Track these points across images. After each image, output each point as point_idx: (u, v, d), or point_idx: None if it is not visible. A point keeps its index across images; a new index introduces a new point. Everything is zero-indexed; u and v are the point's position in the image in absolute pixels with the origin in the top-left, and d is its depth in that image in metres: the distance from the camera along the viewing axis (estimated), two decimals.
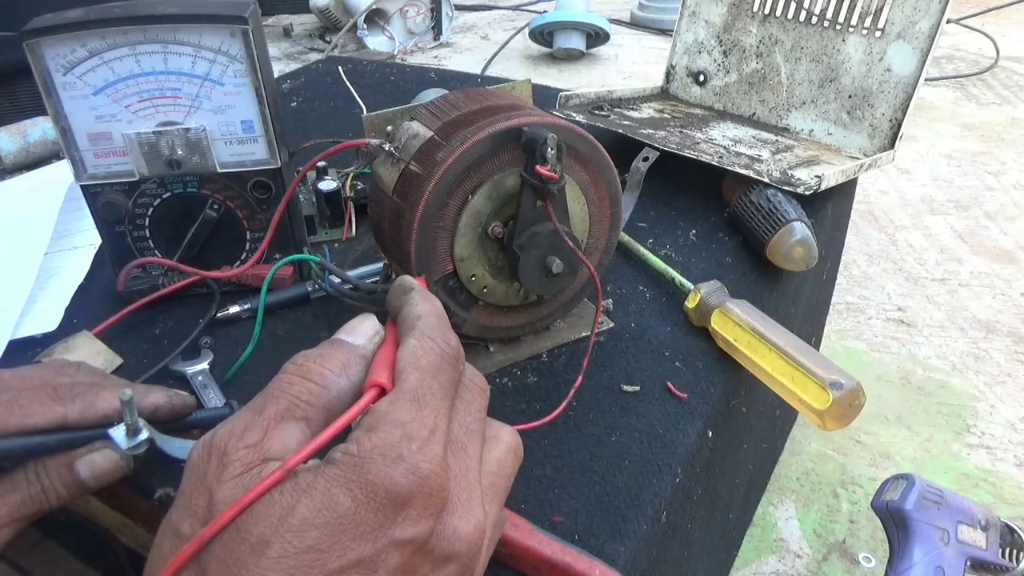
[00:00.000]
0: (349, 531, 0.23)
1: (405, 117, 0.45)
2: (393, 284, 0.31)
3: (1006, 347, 1.15)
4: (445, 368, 0.27)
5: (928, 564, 0.60)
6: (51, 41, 0.44)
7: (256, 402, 0.26)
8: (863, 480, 0.93)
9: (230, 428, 0.25)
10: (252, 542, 0.23)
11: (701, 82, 0.85)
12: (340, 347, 0.28)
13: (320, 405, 0.27)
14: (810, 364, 0.45)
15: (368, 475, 0.23)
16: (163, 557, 0.24)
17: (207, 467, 0.25)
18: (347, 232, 0.62)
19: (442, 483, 0.25)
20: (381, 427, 0.25)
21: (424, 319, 0.28)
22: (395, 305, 0.30)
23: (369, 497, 0.23)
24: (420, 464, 0.24)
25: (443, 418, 0.26)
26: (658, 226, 0.64)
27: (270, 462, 0.25)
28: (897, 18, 0.69)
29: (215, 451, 0.25)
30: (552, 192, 0.40)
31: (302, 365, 0.27)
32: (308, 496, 0.23)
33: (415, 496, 0.24)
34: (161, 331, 0.51)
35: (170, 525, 0.25)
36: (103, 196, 0.49)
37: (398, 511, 0.24)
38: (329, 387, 0.27)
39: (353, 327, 0.30)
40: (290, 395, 0.26)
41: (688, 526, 0.47)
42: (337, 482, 0.23)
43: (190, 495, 0.25)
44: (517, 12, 2.95)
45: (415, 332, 0.28)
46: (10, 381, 0.35)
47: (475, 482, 0.27)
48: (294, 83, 0.99)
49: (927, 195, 1.59)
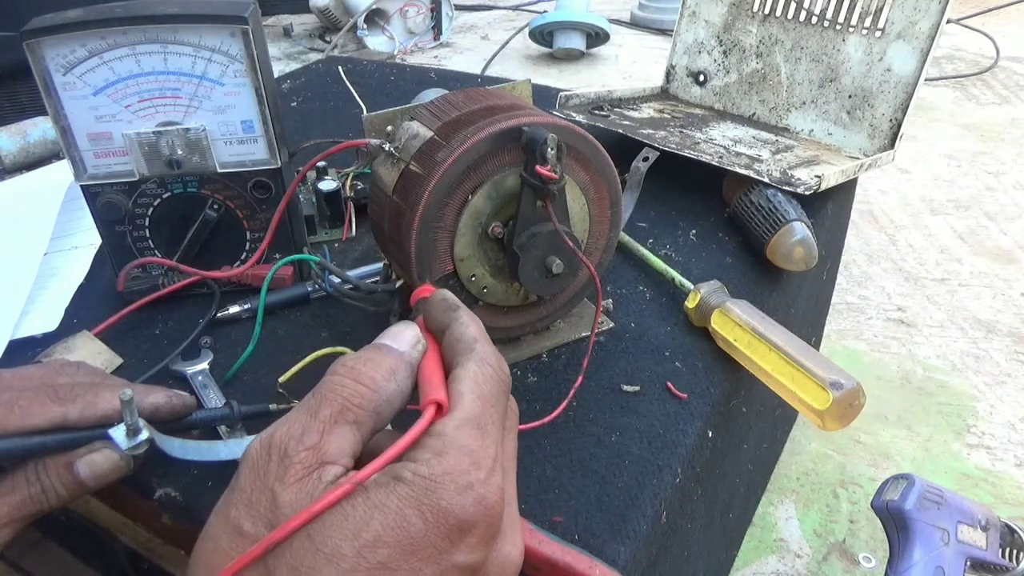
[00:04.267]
0: (417, 552, 0.24)
1: (405, 117, 0.45)
2: (433, 297, 0.31)
3: (1006, 347, 1.15)
4: (501, 397, 0.28)
5: (928, 564, 0.60)
6: (51, 41, 0.44)
7: (309, 403, 0.27)
8: (863, 480, 0.93)
9: (288, 429, 0.26)
10: (326, 552, 0.23)
11: (701, 82, 0.85)
12: (388, 352, 0.29)
13: (371, 409, 0.27)
14: (810, 364, 0.45)
15: (440, 500, 0.24)
16: (222, 551, 0.24)
17: (267, 466, 0.25)
18: (347, 232, 0.62)
19: (501, 513, 0.26)
20: (451, 453, 0.25)
21: (481, 344, 0.29)
22: (440, 320, 0.31)
23: (439, 521, 0.24)
24: (487, 495, 0.25)
25: (499, 446, 0.27)
26: (658, 226, 0.64)
27: (327, 465, 0.25)
28: (897, 18, 0.69)
29: (275, 451, 0.25)
30: (552, 192, 0.40)
31: (353, 368, 0.28)
32: (382, 513, 0.24)
33: (479, 524, 0.25)
34: (161, 331, 0.51)
35: (228, 520, 0.25)
36: (103, 196, 0.49)
37: (462, 537, 0.25)
38: (379, 392, 0.27)
39: (397, 333, 0.30)
40: (342, 397, 0.27)
41: (688, 526, 0.47)
42: (409, 503, 0.24)
43: (250, 492, 0.25)
44: (517, 12, 2.95)
45: (474, 357, 0.28)
46: (10, 381, 0.35)
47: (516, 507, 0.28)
48: (294, 83, 0.99)
49: (927, 195, 1.59)
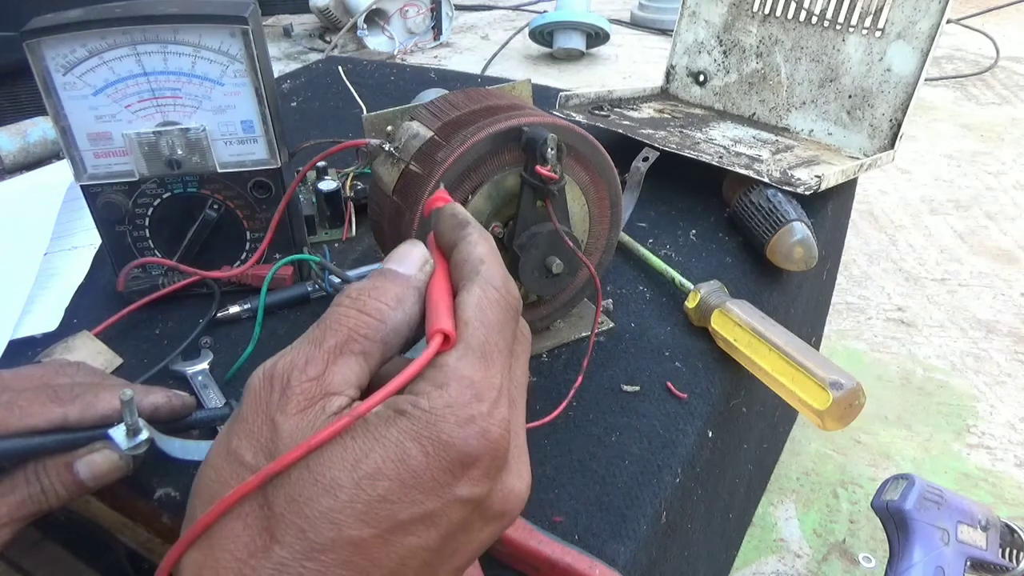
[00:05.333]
0: (418, 485, 0.23)
1: (405, 117, 0.45)
2: (442, 211, 0.29)
3: (1006, 347, 1.15)
4: (509, 322, 0.27)
5: (928, 564, 0.60)
6: (51, 41, 0.44)
7: (313, 334, 0.26)
8: (863, 480, 0.93)
9: (291, 359, 0.25)
10: (324, 483, 0.23)
11: (701, 82, 0.85)
12: (394, 279, 0.28)
13: (378, 339, 0.26)
14: (810, 364, 0.45)
15: (441, 434, 0.24)
16: (223, 480, 0.24)
17: (269, 396, 0.25)
18: (347, 232, 0.62)
19: (507, 445, 0.25)
20: (452, 384, 0.24)
21: (487, 265, 0.27)
22: (448, 238, 0.29)
23: (440, 455, 0.24)
24: (490, 428, 0.24)
25: (505, 375, 0.26)
26: (658, 226, 0.64)
27: (331, 396, 0.25)
28: (897, 18, 0.69)
29: (277, 380, 0.25)
30: (552, 192, 0.40)
31: (357, 298, 0.27)
32: (381, 446, 0.23)
33: (482, 458, 0.24)
34: (161, 331, 0.51)
35: (229, 449, 0.24)
36: (103, 196, 0.49)
37: (465, 470, 0.24)
38: (386, 321, 0.27)
39: (403, 256, 0.28)
40: (348, 328, 0.26)
41: (688, 526, 0.47)
42: (410, 436, 0.24)
43: (251, 421, 0.25)
44: (517, 12, 2.95)
45: (480, 280, 0.27)
46: (10, 381, 0.35)
47: (524, 438, 0.28)
48: (294, 83, 0.99)
49: (927, 195, 1.59)
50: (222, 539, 0.23)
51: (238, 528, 0.23)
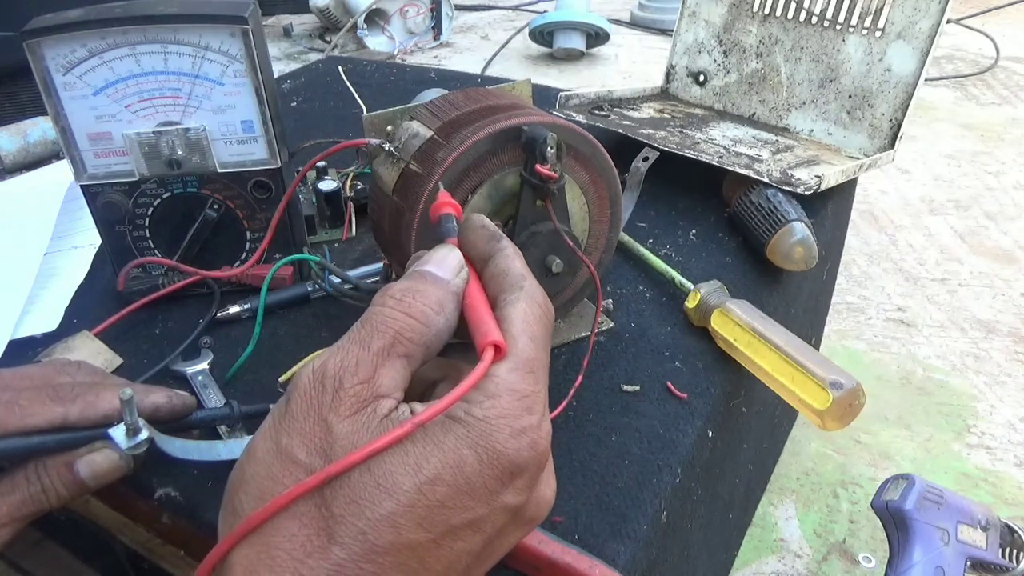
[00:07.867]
0: (471, 492, 0.24)
1: (405, 117, 0.45)
2: (472, 223, 0.30)
3: (1006, 347, 1.15)
4: (548, 339, 0.28)
5: (928, 564, 0.60)
6: (51, 41, 0.44)
7: (360, 335, 0.26)
8: (863, 480, 0.93)
9: (341, 360, 0.25)
10: (386, 486, 0.23)
11: (701, 82, 0.85)
12: (435, 282, 0.28)
13: (422, 343, 0.27)
14: (810, 364, 0.45)
15: (496, 443, 0.24)
16: (274, 477, 0.24)
17: (321, 396, 0.25)
18: (347, 232, 0.62)
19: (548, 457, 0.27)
20: (504, 396, 0.25)
21: (529, 281, 0.28)
22: (482, 249, 0.29)
23: (493, 463, 0.24)
24: (539, 440, 0.25)
25: (546, 389, 0.27)
26: (658, 226, 0.64)
27: (381, 399, 0.25)
28: (897, 18, 0.69)
29: (328, 381, 0.25)
30: (552, 191, 0.40)
31: (402, 300, 0.27)
32: (439, 451, 0.24)
33: (529, 468, 0.25)
34: (161, 331, 0.51)
35: (279, 447, 0.24)
36: (103, 196, 0.49)
37: (512, 479, 0.25)
38: (430, 326, 0.27)
39: (441, 259, 0.29)
40: (394, 330, 0.26)
41: (688, 526, 0.47)
42: (466, 443, 0.24)
43: (302, 420, 0.25)
44: (517, 12, 2.95)
45: (524, 296, 0.28)
46: (10, 381, 0.35)
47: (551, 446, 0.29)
48: (294, 83, 0.99)
49: (927, 195, 1.59)
50: (277, 537, 0.23)
51: (294, 527, 0.23)
